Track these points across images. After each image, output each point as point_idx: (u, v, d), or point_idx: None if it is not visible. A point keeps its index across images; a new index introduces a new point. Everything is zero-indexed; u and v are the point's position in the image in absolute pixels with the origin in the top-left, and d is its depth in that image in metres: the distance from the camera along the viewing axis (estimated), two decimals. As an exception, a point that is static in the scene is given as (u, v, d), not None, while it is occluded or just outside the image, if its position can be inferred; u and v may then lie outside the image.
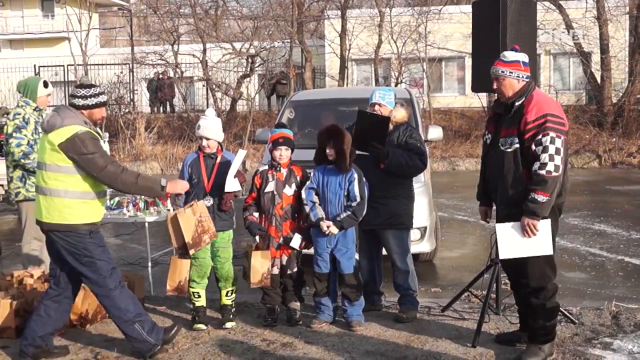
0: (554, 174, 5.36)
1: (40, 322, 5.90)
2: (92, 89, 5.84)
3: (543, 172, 5.36)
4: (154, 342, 5.87)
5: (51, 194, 5.64)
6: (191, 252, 6.41)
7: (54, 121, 5.62)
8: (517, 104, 5.57)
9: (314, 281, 6.75)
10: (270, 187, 6.77)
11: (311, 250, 6.84)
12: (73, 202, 5.65)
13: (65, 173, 5.61)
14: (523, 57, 5.65)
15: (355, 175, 6.55)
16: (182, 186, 6.19)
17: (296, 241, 6.72)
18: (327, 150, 6.53)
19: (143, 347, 5.88)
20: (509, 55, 5.65)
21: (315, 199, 6.62)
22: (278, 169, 6.80)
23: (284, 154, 6.76)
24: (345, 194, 6.57)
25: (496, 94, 5.81)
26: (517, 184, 5.51)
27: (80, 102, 5.75)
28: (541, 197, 5.38)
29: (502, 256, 5.64)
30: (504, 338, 6.20)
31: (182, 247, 6.43)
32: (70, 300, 6.09)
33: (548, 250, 5.53)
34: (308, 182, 6.71)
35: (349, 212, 6.51)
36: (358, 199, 6.52)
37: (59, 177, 5.61)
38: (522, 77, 5.60)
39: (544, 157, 5.36)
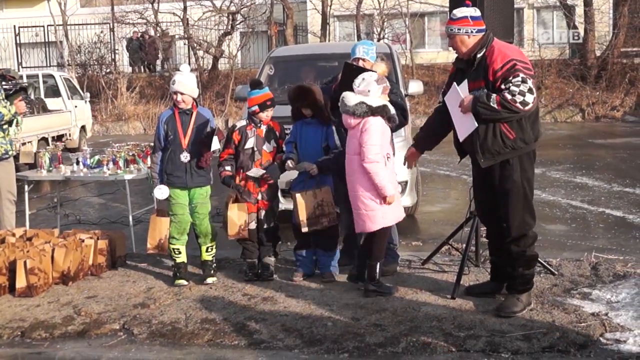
0: (517, 105, 5.29)
1: None
2: None
3: (509, 97, 5.29)
4: None
5: None
6: (304, 230, 6.51)
7: None
8: (478, 56, 5.57)
9: (294, 234, 6.80)
10: (250, 143, 6.75)
11: (290, 206, 6.85)
12: None
13: None
14: (472, 12, 5.65)
15: (333, 127, 6.61)
16: None
17: (255, 171, 6.69)
18: (304, 111, 6.63)
19: None
20: (457, 12, 5.67)
21: (294, 154, 6.65)
22: (259, 125, 6.77)
23: (270, 114, 6.78)
24: (324, 145, 6.60)
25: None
26: (495, 132, 5.48)
27: None
28: (493, 103, 5.32)
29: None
30: (475, 290, 6.23)
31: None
32: None
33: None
34: (288, 136, 6.78)
35: (330, 156, 6.55)
36: (340, 147, 6.54)
37: None
38: (472, 31, 5.60)
39: (515, 90, 5.29)
